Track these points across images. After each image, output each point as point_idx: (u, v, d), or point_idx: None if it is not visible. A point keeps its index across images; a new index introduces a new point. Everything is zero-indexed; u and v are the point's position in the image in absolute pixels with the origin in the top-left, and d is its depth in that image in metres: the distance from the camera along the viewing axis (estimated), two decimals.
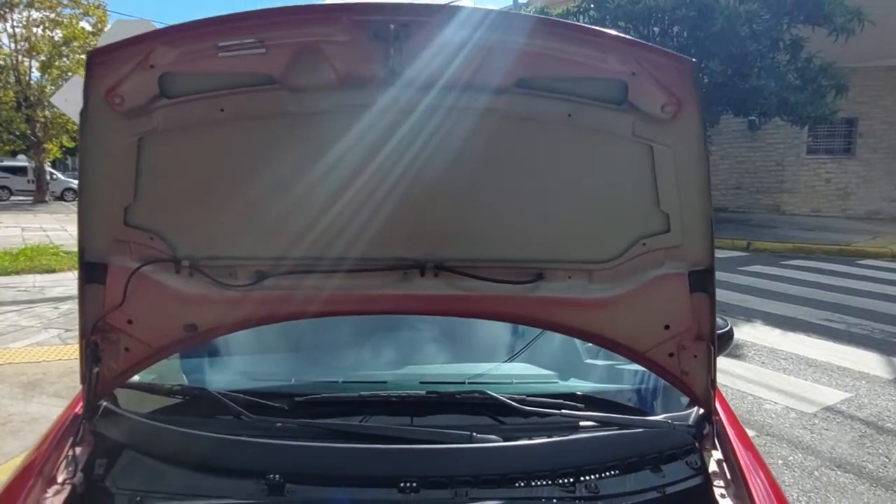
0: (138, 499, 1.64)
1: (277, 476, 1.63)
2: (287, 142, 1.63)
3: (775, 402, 5.10)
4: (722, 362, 4.35)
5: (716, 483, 1.73)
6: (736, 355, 6.16)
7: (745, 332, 6.81)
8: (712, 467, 1.79)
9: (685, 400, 2.07)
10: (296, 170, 1.65)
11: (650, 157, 1.61)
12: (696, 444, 1.86)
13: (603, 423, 1.85)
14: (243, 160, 1.66)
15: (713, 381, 1.84)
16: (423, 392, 1.90)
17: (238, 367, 2.26)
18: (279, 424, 1.82)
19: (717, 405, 2.01)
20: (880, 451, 4.37)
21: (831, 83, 13.21)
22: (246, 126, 1.61)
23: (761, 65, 12.92)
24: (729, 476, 1.75)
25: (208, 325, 1.82)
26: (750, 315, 7.47)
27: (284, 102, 1.55)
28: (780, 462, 4.19)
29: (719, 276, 2.88)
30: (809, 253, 11.83)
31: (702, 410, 1.95)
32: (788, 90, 12.77)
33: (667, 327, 1.79)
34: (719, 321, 2.64)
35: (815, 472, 4.11)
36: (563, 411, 1.85)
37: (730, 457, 1.82)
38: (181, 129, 1.60)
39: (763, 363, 5.97)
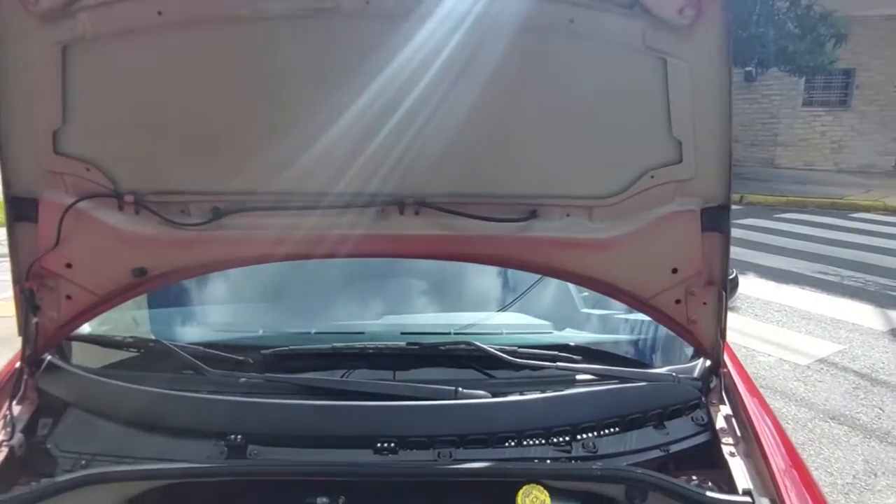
0: (83, 462, 1.47)
1: (238, 437, 1.46)
2: (240, 54, 1.39)
3: (769, 355, 5.02)
4: None
5: (724, 440, 1.58)
6: (730, 308, 6.03)
7: (739, 286, 6.68)
8: (720, 423, 1.63)
9: (690, 351, 1.90)
10: (252, 88, 1.42)
11: (663, 74, 1.38)
12: (703, 399, 1.70)
13: (601, 377, 1.69)
14: (191, 76, 1.42)
15: (723, 330, 1.67)
16: (404, 343, 1.72)
17: (200, 317, 2.06)
18: (243, 380, 1.64)
19: (726, 357, 1.84)
20: (874, 402, 4.31)
21: (831, 32, 12.83)
22: (191, 34, 1.36)
23: (760, 12, 12.50)
24: (738, 433, 1.60)
25: (160, 269, 1.61)
26: (743, 268, 7.35)
27: (233, 3, 1.31)
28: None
29: None
30: (803, 206, 11.70)
31: (709, 363, 1.78)
32: (787, 39, 12.40)
33: (674, 271, 1.60)
34: None
35: (809, 424, 4.03)
36: (559, 364, 1.67)
37: (739, 412, 1.66)
38: (113, 36, 1.35)
39: (756, 315, 5.87)
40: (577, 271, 1.63)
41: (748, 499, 1.38)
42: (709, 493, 1.39)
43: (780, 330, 5.54)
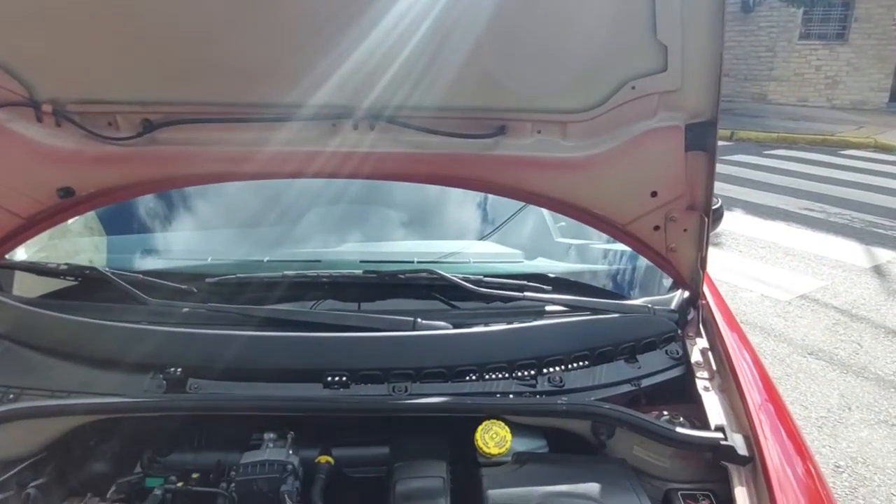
0: (12, 396, 1.36)
1: (178, 370, 1.35)
2: None
3: (751, 291, 4.98)
4: None
5: (699, 374, 1.50)
6: (713, 244, 5.97)
7: (724, 221, 6.55)
8: (695, 357, 1.54)
9: (669, 282, 1.80)
10: None
11: None
12: (679, 332, 1.60)
13: (572, 308, 1.58)
14: None
15: (703, 259, 1.56)
16: (361, 272, 1.59)
17: (145, 244, 1.91)
18: (186, 310, 1.52)
19: (705, 288, 1.74)
20: (853, 338, 4.31)
21: None
22: None
23: None
24: (714, 366, 1.51)
25: (88, 189, 1.46)
26: (730, 204, 7.25)
27: None
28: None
29: None
30: (793, 143, 11.53)
31: (687, 294, 1.68)
32: None
33: (654, 194, 1.47)
34: None
35: (787, 360, 4.03)
36: (526, 294, 1.56)
37: (716, 345, 1.57)
38: None
39: (741, 252, 5.82)
40: (548, 194, 1.50)
41: (720, 435, 1.30)
42: (678, 429, 1.31)
43: (763, 266, 5.50)
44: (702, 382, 1.48)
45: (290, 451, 1.33)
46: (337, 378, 1.35)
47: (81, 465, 1.36)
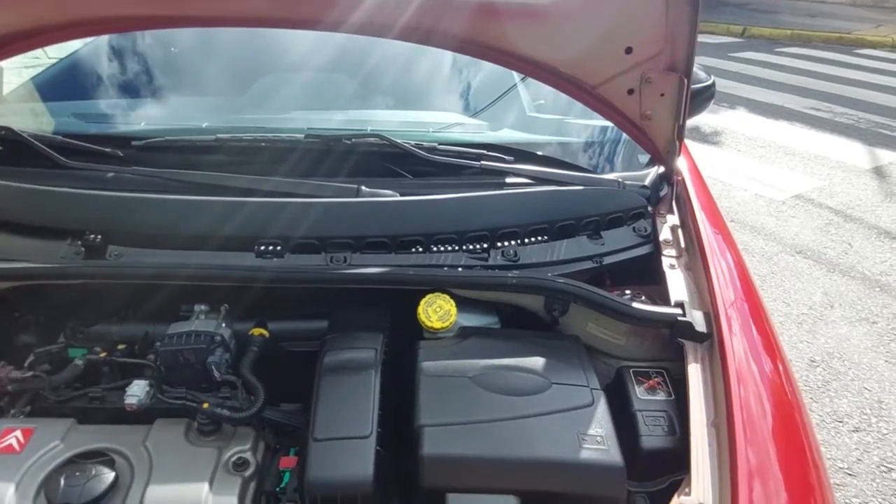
0: None
1: (97, 236, 1.24)
2: None
3: (745, 190, 4.84)
4: (695, 148, 3.97)
5: (665, 252, 1.39)
6: (713, 142, 5.79)
7: (726, 119, 6.37)
8: (664, 234, 1.43)
9: (645, 159, 1.66)
10: None
11: None
12: (649, 209, 1.48)
13: (534, 180, 1.45)
14: None
15: (681, 129, 1.41)
16: (303, 136, 1.45)
17: (74, 109, 1.75)
18: (110, 175, 1.39)
19: (683, 162, 1.61)
20: (843, 238, 4.22)
21: None
22: None
23: None
24: (683, 244, 1.41)
25: None
26: (734, 102, 6.97)
27: None
28: (741, 248, 4.02)
29: (706, 62, 2.35)
30: (807, 41, 10.95)
31: (662, 169, 1.54)
32: None
33: (629, 51, 1.30)
34: (700, 74, 2.15)
35: (775, 258, 3.96)
36: (483, 163, 1.43)
37: (687, 223, 1.46)
38: None
39: (739, 150, 5.62)
40: (509, 49, 1.32)
41: (678, 311, 1.21)
42: (635, 305, 1.22)
43: (761, 165, 5.32)
44: (668, 260, 1.37)
45: (223, 324, 1.25)
46: (270, 247, 1.25)
47: (5, 336, 1.28)
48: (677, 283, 1.31)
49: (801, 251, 4.04)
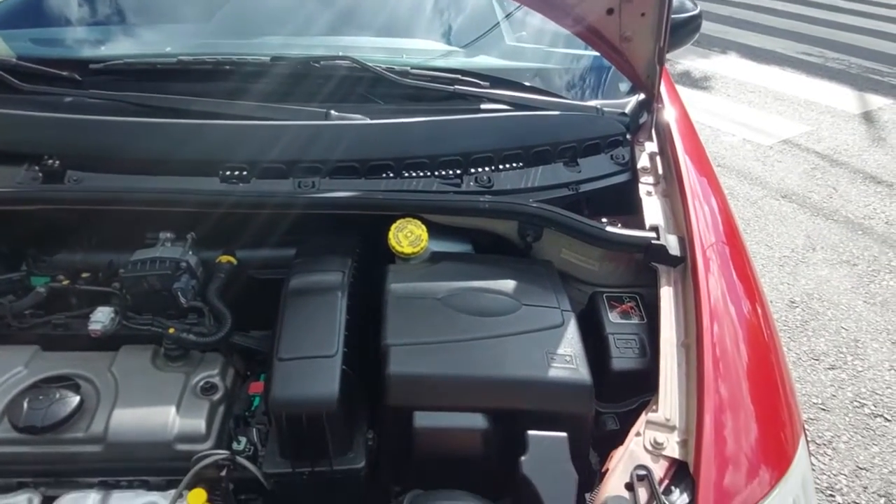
0: None
1: (55, 160, 1.19)
2: None
3: (733, 135, 4.80)
4: (684, 94, 3.90)
5: (643, 180, 1.37)
6: (702, 87, 5.70)
7: (716, 64, 6.26)
8: (642, 162, 1.40)
9: (627, 88, 1.62)
10: None
11: None
12: (627, 136, 1.45)
13: (509, 105, 1.41)
14: None
15: (662, 53, 1.36)
16: (268, 59, 1.39)
17: (33, 35, 1.66)
18: (69, 100, 1.33)
19: (664, 90, 1.56)
20: (829, 182, 4.21)
21: None
22: None
23: None
24: (661, 171, 1.38)
25: None
26: (725, 46, 6.84)
27: None
28: (726, 192, 4.00)
29: (698, 5, 2.27)
30: None
31: (642, 96, 1.50)
32: None
33: None
34: (687, 3, 2.09)
35: (759, 202, 3.95)
36: (457, 88, 1.38)
37: (666, 150, 1.43)
38: None
39: (728, 95, 5.55)
40: None
41: (653, 234, 1.19)
42: (608, 228, 1.20)
43: (750, 110, 5.26)
44: (645, 188, 1.35)
45: (190, 252, 1.22)
46: (235, 172, 1.21)
47: None
48: (653, 209, 1.29)
49: (787, 195, 4.04)
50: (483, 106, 1.41)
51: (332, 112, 1.29)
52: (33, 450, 1.02)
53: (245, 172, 1.21)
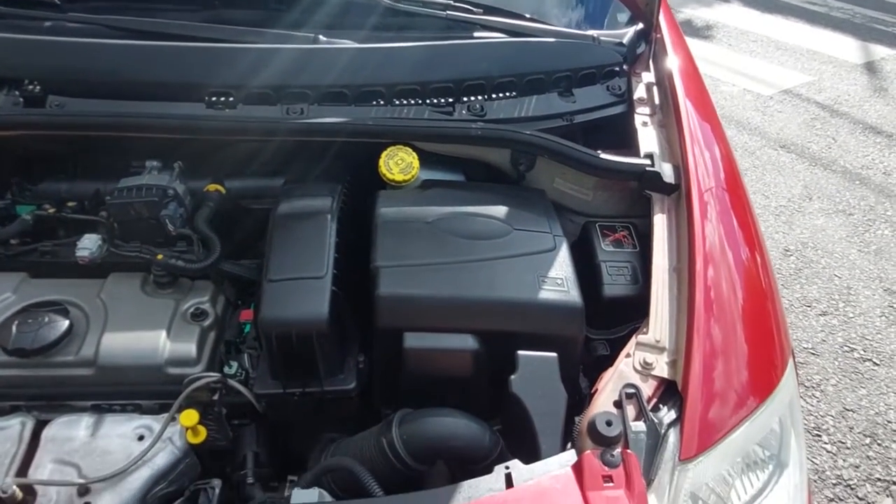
0: None
1: (36, 84, 1.16)
2: None
3: (733, 84, 4.73)
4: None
5: (639, 110, 1.34)
6: (704, 37, 5.58)
7: (719, 13, 6.12)
8: (639, 93, 1.38)
9: (626, 18, 1.57)
10: None
11: None
12: (624, 67, 1.42)
13: (503, 32, 1.37)
14: None
15: None
16: None
17: None
18: (48, 24, 1.29)
19: (663, 21, 1.52)
20: (828, 132, 4.16)
21: None
22: None
23: None
24: (658, 102, 1.35)
25: None
26: None
27: None
28: None
29: None
30: None
31: (641, 26, 1.46)
32: None
33: None
34: None
35: (757, 152, 3.92)
36: (450, 13, 1.34)
37: (663, 81, 1.40)
38: None
39: (730, 45, 5.44)
40: None
41: (647, 161, 1.17)
42: (602, 155, 1.18)
43: (751, 60, 5.17)
44: (641, 118, 1.33)
45: (178, 181, 1.20)
46: (221, 97, 1.18)
47: None
48: (648, 139, 1.26)
49: (785, 145, 4.00)
50: (476, 34, 1.37)
51: (321, 37, 1.25)
52: (24, 373, 1.02)
53: (231, 98, 1.18)
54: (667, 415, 0.88)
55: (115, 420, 1.02)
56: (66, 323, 1.04)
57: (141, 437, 1.00)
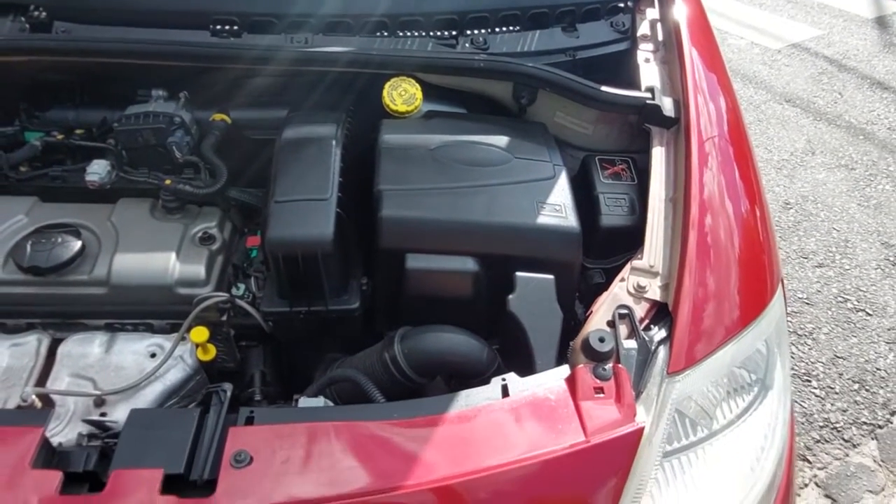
0: None
1: (41, 10, 1.16)
2: None
3: (741, 38, 4.65)
4: None
5: (642, 47, 1.34)
6: None
7: None
8: (642, 30, 1.38)
9: None
10: None
11: None
12: (629, 3, 1.41)
13: None
14: None
15: None
16: None
17: None
18: None
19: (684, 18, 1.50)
20: (835, 87, 4.12)
21: None
22: None
23: None
24: (661, 38, 1.35)
25: None
26: None
27: None
28: None
29: None
30: None
31: None
32: None
33: None
34: None
35: (762, 106, 3.89)
36: None
37: (667, 18, 1.40)
38: None
39: None
40: None
41: (647, 95, 1.19)
42: (603, 88, 1.19)
43: (761, 13, 5.07)
44: (644, 55, 1.33)
45: (184, 110, 1.22)
46: (226, 25, 1.18)
47: None
48: (650, 75, 1.27)
49: (791, 100, 3.97)
50: None
51: None
52: (39, 290, 1.06)
53: (236, 27, 1.18)
54: (657, 333, 0.92)
55: (127, 338, 1.07)
56: (79, 243, 1.07)
57: (153, 355, 1.04)
